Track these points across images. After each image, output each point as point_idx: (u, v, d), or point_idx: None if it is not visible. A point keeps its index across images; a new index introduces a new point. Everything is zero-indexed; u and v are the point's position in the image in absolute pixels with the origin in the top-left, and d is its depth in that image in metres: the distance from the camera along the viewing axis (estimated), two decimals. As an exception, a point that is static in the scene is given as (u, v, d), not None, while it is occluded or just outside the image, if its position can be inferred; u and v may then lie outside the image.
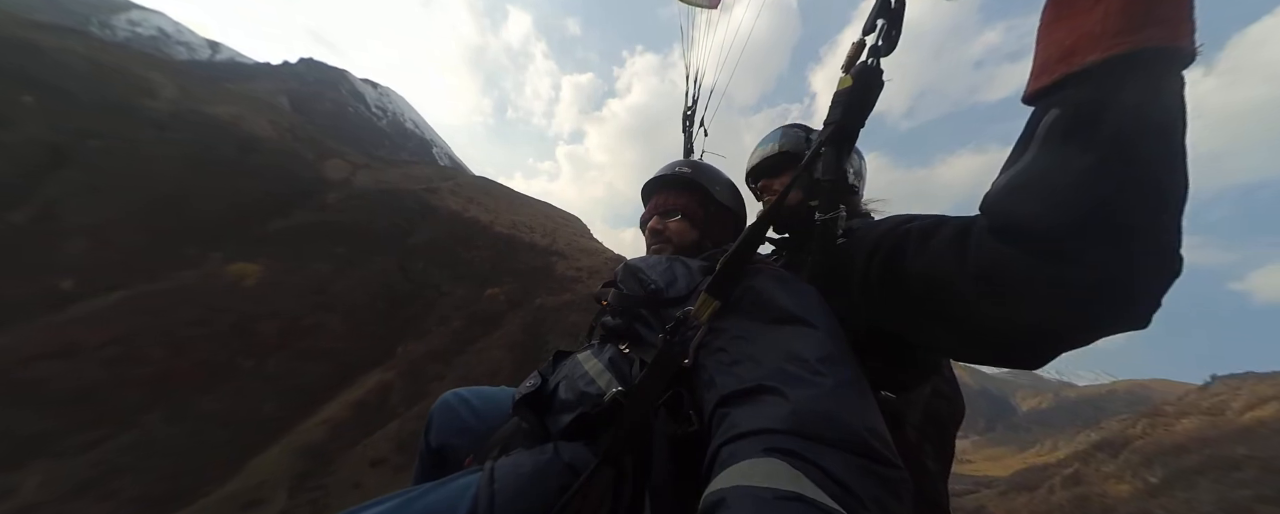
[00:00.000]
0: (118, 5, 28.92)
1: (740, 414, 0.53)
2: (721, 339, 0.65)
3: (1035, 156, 0.52)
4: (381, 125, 30.84)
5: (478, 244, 16.08)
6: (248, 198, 12.33)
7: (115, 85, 11.53)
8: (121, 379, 6.30)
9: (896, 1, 0.70)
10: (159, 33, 29.62)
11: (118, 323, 6.89)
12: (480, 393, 1.04)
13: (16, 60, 9.80)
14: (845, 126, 0.74)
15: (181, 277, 8.37)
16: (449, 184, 20.75)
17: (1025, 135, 0.55)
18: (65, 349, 6.30)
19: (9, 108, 8.80)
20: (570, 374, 0.80)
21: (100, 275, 7.92)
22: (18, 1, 18.72)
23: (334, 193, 15.64)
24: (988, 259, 0.56)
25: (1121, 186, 0.46)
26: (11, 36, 10.89)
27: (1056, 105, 0.51)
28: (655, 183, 1.12)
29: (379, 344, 10.20)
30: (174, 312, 7.42)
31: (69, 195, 8.55)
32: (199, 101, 13.70)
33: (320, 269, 11.49)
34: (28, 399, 5.59)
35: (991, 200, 0.57)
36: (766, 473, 0.44)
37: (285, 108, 20.30)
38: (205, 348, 7.21)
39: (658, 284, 0.81)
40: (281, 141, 16.56)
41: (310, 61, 27.51)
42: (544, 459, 0.66)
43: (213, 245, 10.12)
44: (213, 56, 31.52)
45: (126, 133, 10.52)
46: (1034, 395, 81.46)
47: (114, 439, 5.72)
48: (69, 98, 10.14)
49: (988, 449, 57.24)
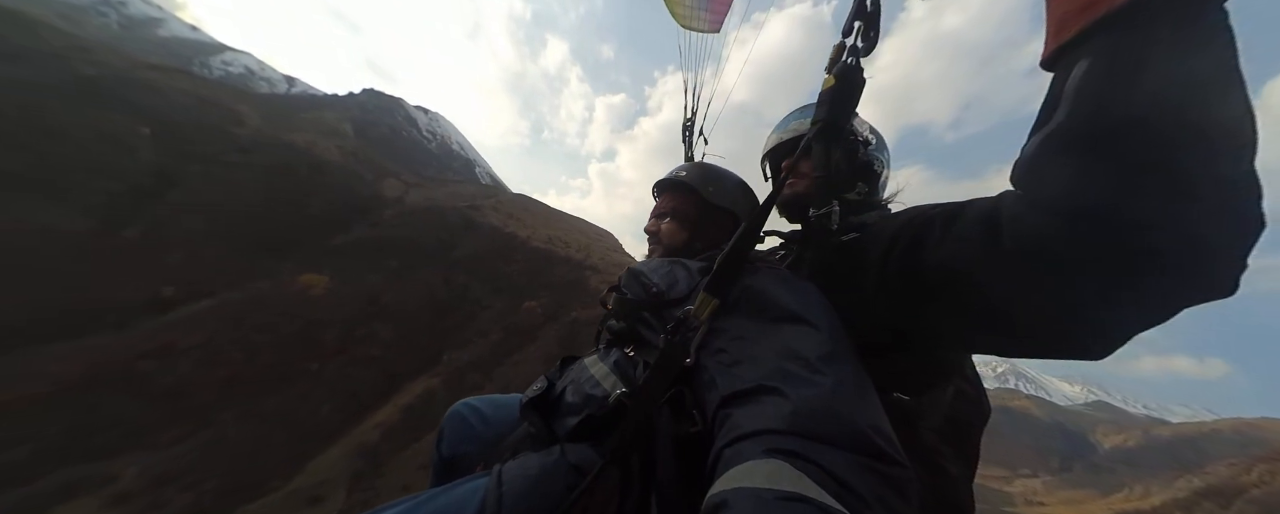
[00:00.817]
0: (214, 48, 33.11)
1: (742, 415, 0.53)
2: (722, 339, 0.64)
3: (1073, 111, 0.47)
4: (431, 147, 33.02)
5: (516, 258, 16.67)
6: (316, 214, 13.52)
7: (212, 116, 13.13)
8: (204, 380, 6.96)
9: (871, 5, 0.72)
10: (246, 70, 33.56)
11: (205, 328, 7.64)
12: (491, 401, 1.06)
13: (138, 97, 11.41)
14: (831, 122, 0.76)
15: (259, 286, 9.22)
16: (491, 201, 21.78)
17: (1051, 97, 0.50)
18: (163, 349, 7.05)
19: (131, 138, 10.22)
20: (576, 378, 0.81)
21: (195, 284, 8.87)
22: (141, 45, 21.89)
23: (389, 209, 16.83)
24: (1028, 233, 0.50)
25: (1180, 130, 0.41)
26: (136, 77, 12.72)
27: (1086, 55, 0.46)
28: (655, 187, 1.16)
29: (424, 352, 10.69)
30: (250, 318, 8.15)
31: (172, 213, 9.72)
32: (278, 129, 15.31)
33: (374, 281, 12.30)
34: (134, 393, 6.27)
35: (1025, 168, 0.52)
36: (768, 474, 0.44)
37: (349, 133, 22.24)
38: (273, 353, 7.84)
39: (659, 286, 0.81)
40: (346, 164, 18.12)
41: (371, 91, 30.20)
42: (550, 461, 0.66)
43: (286, 257, 11.11)
44: (289, 89, 35.09)
45: (219, 157, 11.90)
46: (1118, 432, 72.24)
47: (195, 435, 6.28)
48: (176, 128, 11.65)
49: (1064, 491, 51.17)
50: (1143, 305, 0.47)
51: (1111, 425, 78.53)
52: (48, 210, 8.53)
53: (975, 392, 0.94)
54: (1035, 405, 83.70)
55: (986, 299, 0.55)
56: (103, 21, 27.35)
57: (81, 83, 10.54)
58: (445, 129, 35.62)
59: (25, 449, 5.40)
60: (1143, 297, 0.46)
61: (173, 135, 11.27)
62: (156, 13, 32.22)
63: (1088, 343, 0.52)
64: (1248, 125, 0.42)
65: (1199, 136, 0.41)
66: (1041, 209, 0.49)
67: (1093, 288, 0.47)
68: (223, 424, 6.54)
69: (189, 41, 32.32)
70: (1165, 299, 0.46)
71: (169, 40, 30.13)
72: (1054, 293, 0.50)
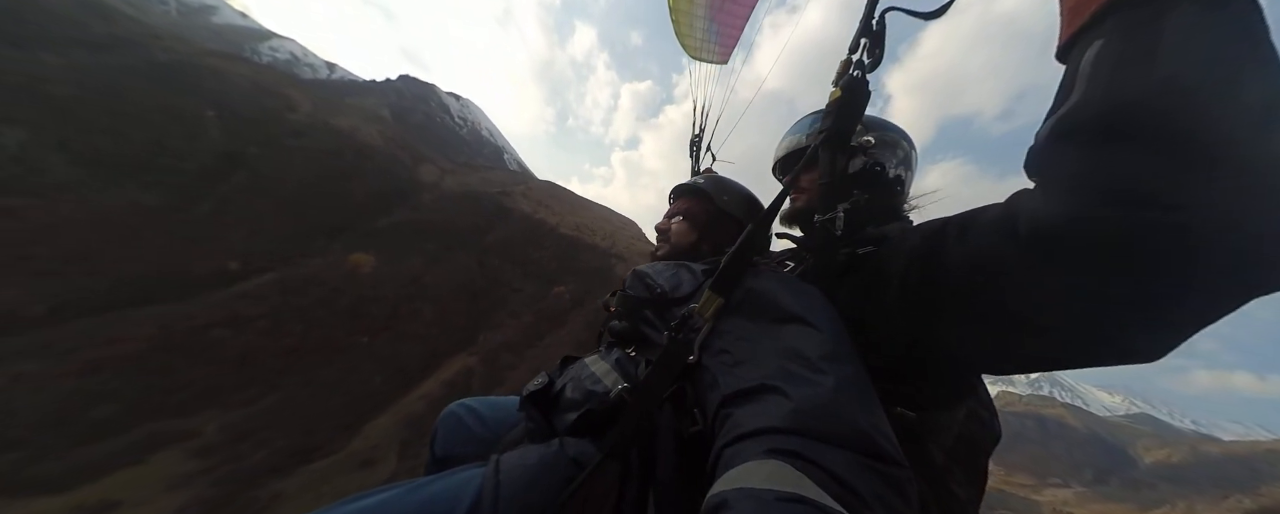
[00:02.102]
0: (262, 34, 34.45)
1: (743, 415, 0.53)
2: (724, 340, 0.65)
3: (1087, 92, 0.44)
4: (463, 134, 33.68)
5: (545, 244, 17.00)
6: (361, 197, 14.16)
7: (268, 102, 13.85)
8: (269, 348, 7.52)
9: (877, 25, 0.75)
10: (291, 57, 34.83)
11: (268, 301, 8.22)
12: (488, 402, 1.04)
13: (204, 82, 12.15)
14: (837, 132, 0.79)
15: (313, 263, 9.82)
16: (521, 188, 22.17)
17: (1066, 82, 0.48)
18: (231, 319, 7.64)
19: (199, 122, 10.93)
20: (576, 376, 0.81)
21: (256, 259, 9.52)
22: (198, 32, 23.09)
23: (427, 194, 17.41)
24: (1044, 222, 0.47)
25: (1199, 106, 0.38)
26: (201, 64, 13.52)
27: (1100, 37, 0.45)
28: (672, 191, 1.21)
29: (462, 332, 11.17)
30: (308, 292, 8.71)
31: (237, 192, 10.40)
32: (326, 114, 16.00)
33: (415, 262, 12.86)
34: (207, 358, 6.87)
35: (1038, 152, 0.49)
36: (768, 474, 0.44)
37: (388, 119, 22.98)
38: (329, 326, 8.38)
39: (663, 287, 0.83)
40: (387, 149, 18.80)
41: (407, 78, 30.98)
42: (550, 452, 0.66)
43: (335, 237, 11.74)
44: (330, 75, 36.24)
45: (277, 140, 12.58)
46: (1161, 447, 68.34)
47: (264, 398, 6.84)
48: (237, 113, 12.36)
49: (1097, 503, 49.02)
50: (1190, 300, 0.43)
51: (1155, 439, 74.32)
52: (129, 187, 9.24)
53: (987, 413, 0.91)
54: (1071, 414, 79.97)
55: (1009, 298, 0.52)
56: (163, 9, 28.80)
57: (155, 68, 11.30)
58: (475, 115, 36.30)
59: (116, 405, 5.98)
60: (1187, 290, 0.42)
61: (235, 119, 11.97)
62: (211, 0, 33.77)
63: (1139, 342, 0.47)
64: (1268, 99, 0.38)
65: (1219, 113, 0.38)
66: (1056, 194, 0.47)
67: (1130, 281, 0.43)
68: (288, 389, 7.06)
69: (240, 28, 33.76)
70: (1209, 290, 0.42)
71: (222, 27, 31.55)
72: (1079, 285, 0.46)
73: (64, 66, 10.49)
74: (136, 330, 6.55)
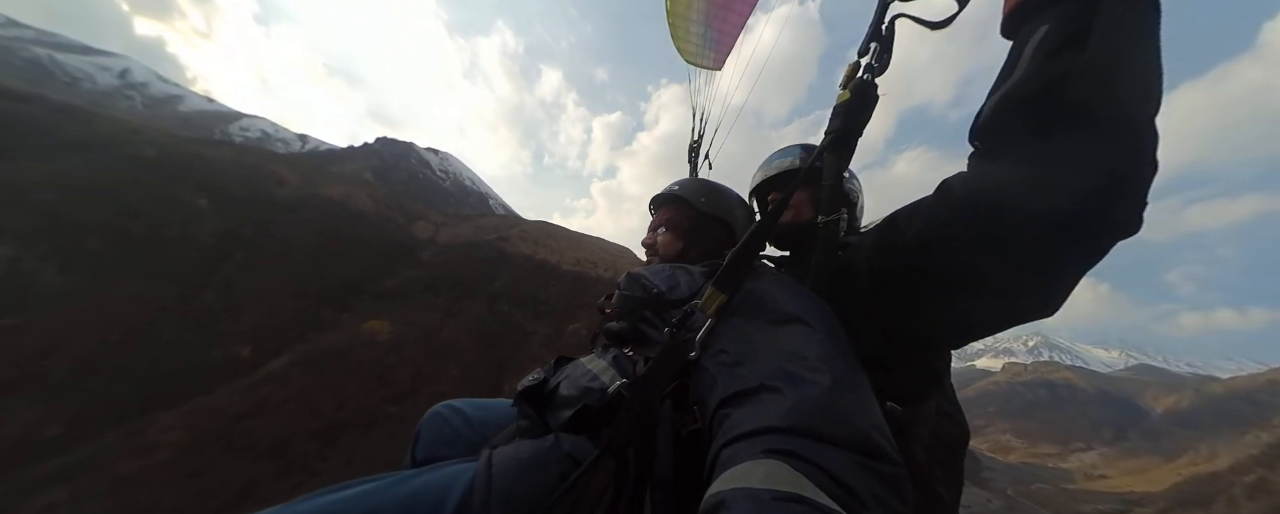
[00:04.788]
0: (231, 116, 34.55)
1: (741, 414, 0.53)
2: (723, 341, 0.65)
3: (1030, 71, 0.53)
4: (446, 186, 33.87)
5: (550, 283, 16.94)
6: (363, 262, 13.95)
7: (257, 180, 13.75)
8: (303, 430, 7.19)
9: (887, 30, 0.78)
10: (263, 134, 34.94)
11: (293, 381, 7.92)
12: (475, 403, 1.00)
13: (191, 170, 12.03)
14: (845, 133, 0.79)
15: (328, 336, 9.54)
16: (516, 231, 22.20)
17: (1012, 59, 0.57)
18: (258, 407, 7.32)
19: (191, 208, 10.75)
20: (572, 374, 0.80)
21: (267, 341, 9.21)
22: (168, 121, 22.97)
23: (426, 250, 17.27)
24: (982, 182, 0.57)
25: (1119, 86, 0.49)
26: (183, 152, 13.42)
27: (1044, 23, 0.54)
28: (651, 202, 1.21)
29: (485, 382, 10.89)
30: (331, 367, 8.43)
31: (238, 274, 10.15)
32: (315, 186, 15.93)
33: (429, 319, 12.61)
34: (241, 452, 6.52)
35: (985, 122, 0.58)
36: (766, 474, 0.44)
37: (373, 182, 22.96)
38: (359, 397, 8.09)
39: (661, 288, 0.83)
40: (379, 211, 18.71)
41: (385, 139, 31.31)
42: (544, 447, 0.64)
43: (344, 307, 11.47)
44: (304, 147, 36.28)
45: (270, 218, 12.42)
46: (1168, 394, 69.53)
47: (305, 486, 6.48)
48: (228, 194, 12.22)
49: (1124, 461, 49.06)
50: (1079, 247, 0.52)
51: (1160, 388, 75.63)
52: (132, 284, 8.96)
53: (954, 409, 0.97)
54: (1077, 375, 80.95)
55: (960, 258, 0.59)
56: (129, 104, 28.79)
57: (143, 163, 11.17)
58: (456, 167, 36.63)
59: (146, 516, 5.61)
60: (1078, 236, 0.52)
61: (227, 201, 11.83)
62: (175, 90, 33.90)
63: (1048, 291, 0.57)
64: (1160, 83, 0.49)
65: (1143, 95, 0.49)
66: (997, 158, 0.56)
67: (1043, 229, 0.52)
68: (329, 471, 6.74)
69: (208, 112, 33.84)
70: (1095, 237, 0.51)
71: (191, 114, 31.59)
72: (1014, 241, 0.54)
73: (47, 172, 10.29)
74: (164, 436, 6.21)
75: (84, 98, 23.51)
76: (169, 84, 44.41)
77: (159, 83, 43.89)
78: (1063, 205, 0.50)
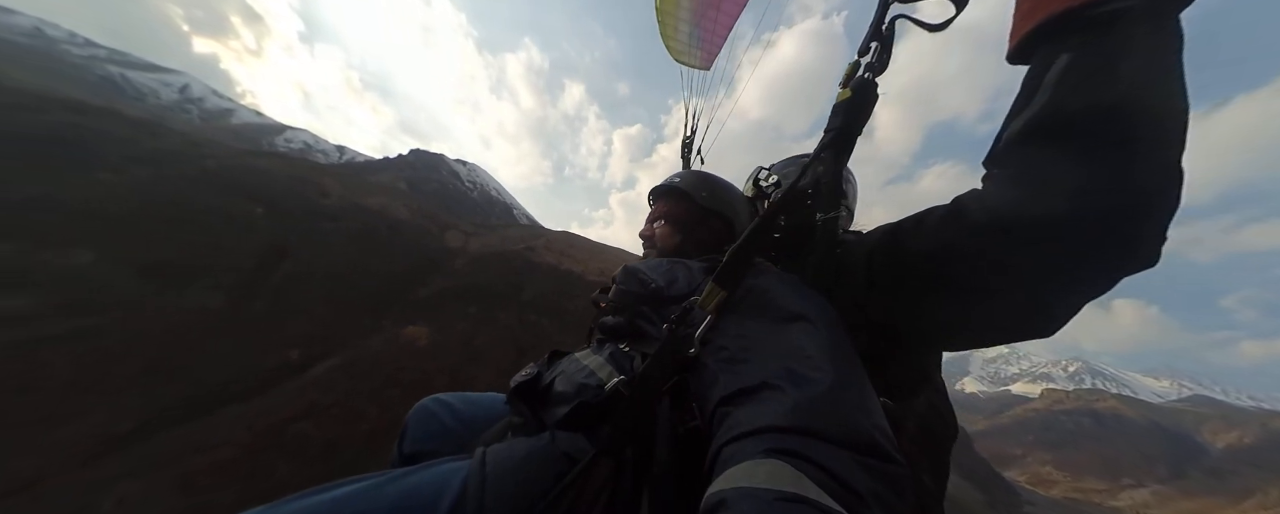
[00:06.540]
0: (276, 128, 36.62)
1: (742, 413, 0.53)
2: (724, 338, 0.64)
3: (1055, 100, 0.53)
4: (474, 197, 34.90)
5: (576, 294, 17.07)
6: (400, 271, 14.42)
7: (305, 190, 14.47)
8: (351, 435, 7.37)
9: (887, 29, 0.80)
10: (304, 145, 36.85)
11: (338, 386, 8.16)
12: (464, 397, 1.00)
13: (248, 181, 12.77)
14: (846, 131, 0.80)
15: (371, 343, 9.83)
16: (541, 241, 22.55)
17: (1030, 86, 0.56)
18: (308, 410, 7.54)
19: (249, 218, 11.37)
20: (567, 370, 0.78)
21: (314, 346, 9.55)
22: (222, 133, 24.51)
23: (458, 259, 17.73)
24: (1001, 204, 0.57)
25: (1144, 117, 0.48)
26: (239, 164, 14.29)
27: (1067, 51, 0.53)
28: (650, 193, 1.20)
29: (517, 395, 11.02)
30: (375, 373, 8.67)
31: (288, 283, 10.63)
32: (356, 196, 16.64)
33: (464, 327, 12.89)
34: (294, 454, 6.71)
35: (1005, 149, 0.58)
36: (768, 474, 0.44)
37: (407, 191, 23.85)
38: (401, 402, 8.25)
39: (658, 283, 0.82)
40: (414, 221, 19.39)
41: (417, 151, 32.61)
42: (540, 445, 0.64)
43: (383, 314, 11.84)
44: (341, 158, 38.00)
45: (316, 227, 13.03)
46: (1230, 429, 64.10)
47: (349, 489, 6.63)
48: (279, 204, 12.90)
49: (1181, 501, 45.25)
50: (1094, 275, 0.53)
51: (1220, 422, 69.72)
52: (194, 292, 9.45)
53: (942, 404, 0.98)
54: (1124, 405, 75.66)
55: (965, 273, 0.60)
56: (187, 117, 30.81)
57: (204, 174, 11.90)
58: (483, 178, 37.77)
59: (217, 514, 5.76)
60: (1096, 264, 0.52)
61: (279, 211, 12.45)
62: (228, 104, 36.31)
63: (1041, 312, 0.58)
64: (1186, 115, 0.49)
65: (1166, 127, 0.49)
66: (1014, 183, 0.56)
67: (1063, 255, 0.53)
68: (373, 478, 6.87)
69: (256, 125, 36.00)
70: (1110, 266, 0.52)
71: (241, 127, 33.67)
72: (1030, 264, 0.55)
73: (122, 184, 11.09)
74: (227, 435, 6.46)
75: (150, 112, 25.51)
76: (222, 98, 47.70)
77: (213, 97, 47.19)
78: (1087, 231, 0.51)
